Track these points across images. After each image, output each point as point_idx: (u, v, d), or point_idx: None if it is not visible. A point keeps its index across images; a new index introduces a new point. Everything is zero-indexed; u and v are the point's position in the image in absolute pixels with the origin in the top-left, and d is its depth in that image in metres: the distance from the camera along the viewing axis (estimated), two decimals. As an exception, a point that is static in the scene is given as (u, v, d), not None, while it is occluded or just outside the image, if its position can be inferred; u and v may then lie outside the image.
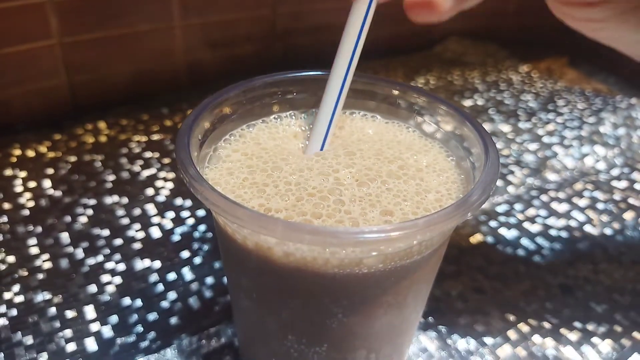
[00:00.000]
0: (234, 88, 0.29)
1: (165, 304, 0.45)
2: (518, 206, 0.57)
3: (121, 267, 0.48)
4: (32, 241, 0.50)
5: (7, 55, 0.63)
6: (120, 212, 0.54)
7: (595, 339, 0.44)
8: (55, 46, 0.66)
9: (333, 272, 0.22)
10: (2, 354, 0.40)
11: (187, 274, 0.48)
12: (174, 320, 0.43)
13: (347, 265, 0.22)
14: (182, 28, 0.73)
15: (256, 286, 0.25)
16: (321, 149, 0.28)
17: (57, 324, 0.43)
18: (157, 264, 0.48)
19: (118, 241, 0.51)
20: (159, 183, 0.58)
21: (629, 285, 0.49)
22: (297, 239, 0.20)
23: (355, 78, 0.30)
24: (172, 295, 0.46)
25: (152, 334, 0.42)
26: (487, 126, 0.71)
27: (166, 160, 0.62)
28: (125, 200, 0.56)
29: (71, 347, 0.41)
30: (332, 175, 0.26)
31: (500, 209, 0.57)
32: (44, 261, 0.48)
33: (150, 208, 0.55)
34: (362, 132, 0.31)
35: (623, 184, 0.61)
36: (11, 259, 0.48)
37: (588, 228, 0.55)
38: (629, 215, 0.57)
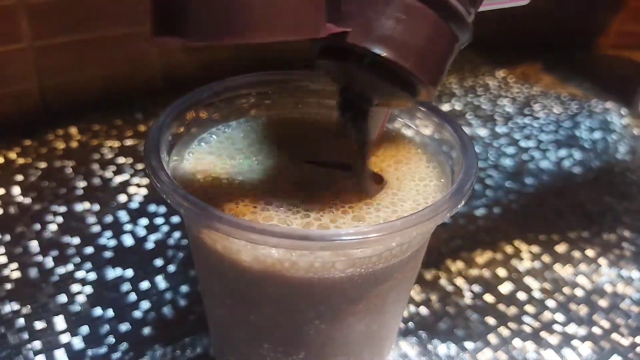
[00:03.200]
0: (206, 89, 0.29)
1: (138, 313, 0.43)
2: (496, 209, 0.57)
3: (92, 276, 0.47)
4: (1, 250, 0.48)
5: (-26, 59, 0.61)
6: (92, 219, 0.53)
7: (575, 342, 0.44)
8: (26, 50, 0.64)
9: (307, 277, 0.21)
10: (-35, 369, 0.38)
11: (161, 282, 0.46)
12: (147, 330, 0.42)
13: (322, 270, 0.21)
14: (157, 32, 0.72)
15: (228, 292, 0.24)
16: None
17: (26, 336, 0.41)
18: (130, 272, 0.47)
19: (89, 249, 0.49)
20: (131, 189, 0.57)
21: (609, 287, 0.49)
22: (267, 242, 0.19)
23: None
24: (145, 304, 0.44)
25: (124, 345, 0.41)
26: (465, 130, 0.71)
27: (139, 166, 0.60)
28: (96, 207, 0.54)
29: (40, 359, 0.39)
30: (304, 183, 0.25)
31: (479, 212, 0.57)
32: (12, 270, 0.46)
33: (123, 215, 0.53)
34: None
35: (600, 186, 0.62)
36: (-24, 269, 0.46)
37: (566, 231, 0.55)
38: (605, 217, 0.57)
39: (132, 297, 0.45)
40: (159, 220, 0.53)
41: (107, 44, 0.70)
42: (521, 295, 0.48)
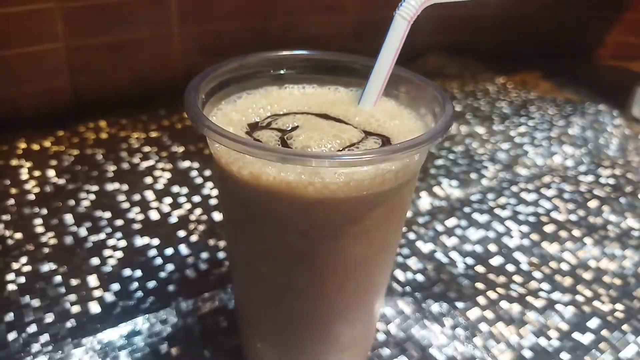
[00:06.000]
0: (236, 60, 0.34)
1: (163, 274, 0.48)
2: (490, 195, 0.62)
3: (122, 243, 0.52)
4: (38, 221, 0.54)
5: (17, 56, 0.68)
6: (121, 197, 0.58)
7: (558, 306, 0.48)
8: (60, 49, 0.71)
9: (312, 197, 0.26)
10: (12, 314, 0.43)
11: (184, 249, 0.51)
12: (171, 287, 0.47)
13: (323, 190, 0.26)
14: (180, 36, 0.78)
15: (249, 217, 0.29)
16: (374, 105, 0.32)
17: (63, 290, 0.46)
18: (156, 241, 0.52)
19: (119, 222, 0.54)
20: (157, 173, 0.62)
21: (593, 262, 0.53)
22: (284, 160, 0.24)
23: (323, 56, 0.35)
24: (169, 267, 0.49)
25: (151, 298, 0.46)
26: (463, 128, 0.76)
27: (164, 154, 0.66)
28: (125, 187, 0.59)
29: (76, 309, 0.44)
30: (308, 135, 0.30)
31: (474, 197, 0.61)
32: (49, 238, 0.52)
33: (149, 194, 0.59)
34: (331, 102, 0.35)
35: (589, 178, 0.66)
36: (18, 235, 0.51)
37: (554, 214, 0.59)
38: (593, 204, 0.61)
39: (159, 260, 0.50)
40: (181, 199, 0.58)
41: (134, 46, 0.76)
42: (510, 267, 0.52)
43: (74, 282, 0.47)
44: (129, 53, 0.76)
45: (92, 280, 0.47)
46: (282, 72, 0.36)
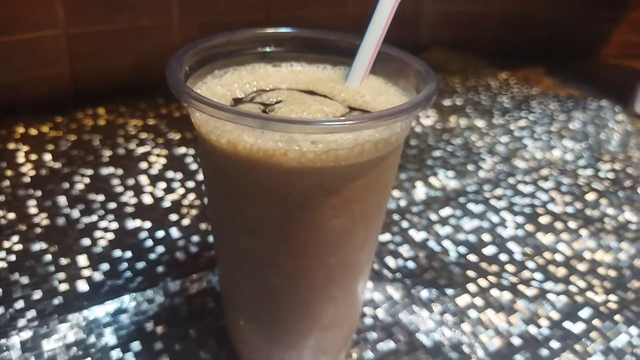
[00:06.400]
0: (222, 36, 0.34)
1: (153, 255, 0.48)
2: (487, 187, 0.61)
3: (114, 225, 0.52)
4: (32, 202, 0.54)
5: (16, 42, 0.68)
6: (116, 181, 0.58)
7: (550, 295, 0.47)
8: (60, 36, 0.71)
9: (290, 166, 0.26)
10: (1, 290, 0.43)
11: (175, 233, 0.51)
12: (160, 268, 0.47)
13: (300, 158, 0.26)
14: (180, 26, 0.78)
15: (229, 187, 0.29)
16: (360, 83, 0.32)
17: (52, 268, 0.46)
18: (148, 224, 0.52)
19: (112, 205, 0.54)
20: (152, 158, 0.62)
21: (588, 254, 0.53)
22: (261, 125, 0.24)
23: (312, 34, 0.35)
24: (160, 249, 0.49)
25: (139, 278, 0.46)
26: (463, 121, 0.75)
27: (160, 140, 0.66)
28: (120, 171, 0.60)
29: (64, 287, 0.44)
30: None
31: (470, 188, 0.61)
32: (42, 219, 0.52)
33: (144, 179, 0.59)
34: (318, 79, 0.34)
35: (588, 172, 0.66)
36: (12, 215, 0.52)
37: (551, 206, 0.59)
38: (590, 197, 0.61)
39: (149, 242, 0.50)
40: (175, 185, 0.58)
41: (134, 34, 0.76)
42: (503, 257, 0.51)
43: (64, 261, 0.47)
44: (129, 42, 0.76)
45: (82, 260, 0.47)
46: (270, 49, 0.36)
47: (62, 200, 0.55)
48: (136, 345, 0.40)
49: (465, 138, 0.71)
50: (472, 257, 0.51)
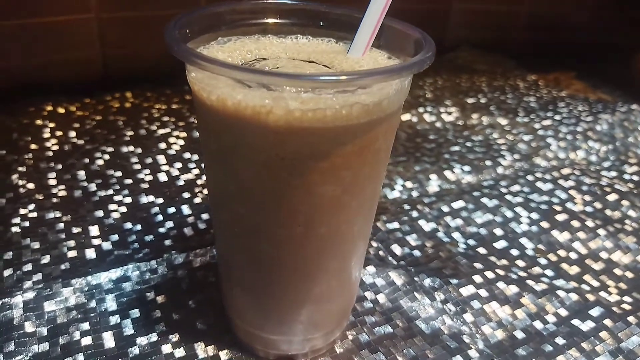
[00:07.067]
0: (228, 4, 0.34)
1: (162, 229, 0.49)
2: (503, 182, 0.60)
3: (128, 200, 0.53)
4: (52, 175, 0.55)
5: (49, 24, 0.70)
6: (134, 159, 0.59)
7: (560, 292, 0.46)
8: (92, 20, 0.73)
9: (278, 125, 0.26)
10: (11, 253, 0.45)
11: (186, 210, 0.52)
12: (167, 242, 0.48)
13: (287, 117, 0.26)
14: (209, 15, 0.79)
15: (221, 147, 0.29)
16: (362, 54, 0.32)
17: (63, 236, 0.47)
18: (160, 200, 0.53)
19: (128, 180, 0.56)
20: (171, 139, 0.63)
21: (605, 254, 0.51)
22: (242, 75, 0.24)
23: (320, 8, 0.35)
24: (169, 224, 0.50)
25: (146, 250, 0.46)
26: (485, 119, 0.74)
27: (181, 124, 0.67)
28: (139, 150, 0.61)
29: (72, 254, 0.45)
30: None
31: (486, 183, 0.60)
32: (59, 190, 0.53)
33: (161, 158, 0.60)
34: (321, 51, 0.34)
35: (612, 173, 0.64)
36: (31, 185, 0.53)
37: (569, 204, 0.57)
38: (612, 197, 0.59)
39: (159, 217, 0.51)
40: (191, 165, 0.59)
41: (163, 22, 0.78)
42: (514, 252, 0.50)
43: (75, 230, 0.48)
44: (158, 28, 0.78)
45: (94, 230, 0.49)
46: (276, 20, 0.36)
47: (81, 174, 0.56)
48: (135, 313, 0.40)
49: (486, 135, 0.70)
50: (481, 250, 0.50)
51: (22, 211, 0.50)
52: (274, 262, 0.32)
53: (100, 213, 0.51)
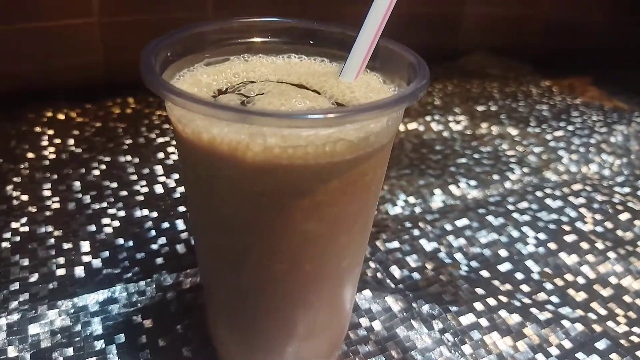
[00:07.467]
0: (212, 24, 0.33)
1: (154, 246, 0.48)
2: (511, 199, 0.58)
3: (121, 213, 0.52)
4: (47, 185, 0.55)
5: (51, 28, 0.70)
6: (131, 169, 0.58)
7: (565, 322, 0.43)
8: (94, 24, 0.72)
9: (256, 161, 0.24)
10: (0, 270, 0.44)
11: (180, 225, 0.51)
12: (159, 260, 0.46)
13: (265, 153, 0.24)
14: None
15: (199, 180, 0.28)
16: (355, 79, 0.30)
17: (53, 252, 0.46)
18: (155, 214, 0.52)
19: (123, 192, 0.54)
20: (170, 149, 0.62)
21: (614, 279, 0.49)
22: (217, 115, 0.22)
23: (312, 26, 0.33)
24: (162, 240, 0.49)
25: (136, 269, 0.45)
26: (495, 128, 0.72)
27: (181, 132, 0.66)
28: (136, 160, 0.60)
29: (60, 272, 0.44)
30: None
31: (492, 199, 0.57)
32: (53, 202, 0.52)
33: (159, 169, 0.58)
34: (313, 73, 0.32)
35: (625, 189, 0.61)
36: (25, 197, 0.52)
37: (579, 224, 0.55)
38: (624, 217, 0.56)
39: (152, 233, 0.49)
40: (188, 177, 0.58)
41: (167, 26, 0.77)
42: (519, 275, 0.48)
43: (66, 245, 0.47)
44: (162, 33, 0.76)
45: (85, 246, 0.47)
46: (266, 39, 0.34)
47: (76, 185, 0.55)
48: (120, 338, 0.39)
49: (495, 146, 0.68)
50: (484, 273, 0.48)
51: (14, 225, 0.49)
52: (256, 296, 0.31)
53: (92, 227, 0.50)
